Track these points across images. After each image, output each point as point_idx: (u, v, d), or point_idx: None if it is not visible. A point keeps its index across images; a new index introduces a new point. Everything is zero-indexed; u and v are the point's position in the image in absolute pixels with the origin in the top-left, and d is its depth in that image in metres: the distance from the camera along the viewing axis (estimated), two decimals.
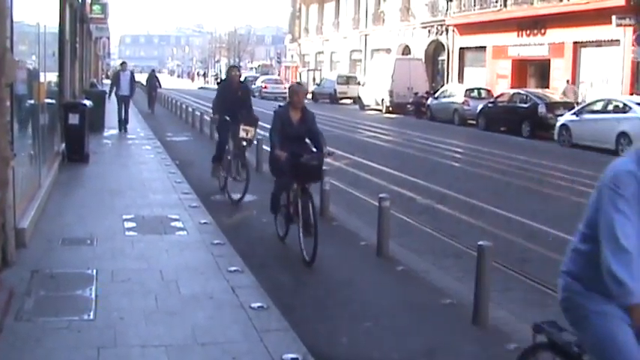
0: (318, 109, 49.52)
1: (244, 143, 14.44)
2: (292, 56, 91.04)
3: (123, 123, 27.37)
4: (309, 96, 63.91)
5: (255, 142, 16.15)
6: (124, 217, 11.92)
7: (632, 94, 31.89)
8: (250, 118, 14.74)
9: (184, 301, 7.76)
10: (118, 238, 10.55)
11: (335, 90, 59.37)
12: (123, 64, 30.69)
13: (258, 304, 7.57)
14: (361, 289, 9.01)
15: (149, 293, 7.93)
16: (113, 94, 28.19)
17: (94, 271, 8.69)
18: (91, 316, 7.20)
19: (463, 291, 8.88)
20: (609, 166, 4.36)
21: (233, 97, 15.21)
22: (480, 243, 7.92)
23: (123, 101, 27.60)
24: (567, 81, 36.69)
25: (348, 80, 60.46)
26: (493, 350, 7.22)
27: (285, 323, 7.16)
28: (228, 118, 14.86)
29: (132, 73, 28.94)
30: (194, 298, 7.85)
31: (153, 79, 42.29)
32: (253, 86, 70.67)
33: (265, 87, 67.34)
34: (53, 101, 16.62)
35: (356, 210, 14.34)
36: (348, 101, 58.26)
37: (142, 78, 54.08)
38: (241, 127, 14.30)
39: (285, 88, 67.00)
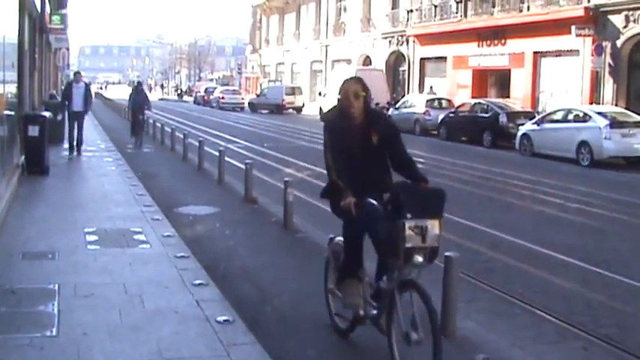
0: (273, 119, 49.57)
1: None
2: (253, 67, 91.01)
3: (76, 144, 23.49)
4: (246, 105, 64.29)
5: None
6: (86, 230, 11.77)
7: (591, 103, 32.23)
8: None
9: (149, 315, 7.64)
10: (80, 251, 10.39)
11: (283, 100, 59.68)
12: (76, 74, 26.32)
13: (224, 318, 7.48)
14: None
15: (113, 308, 7.81)
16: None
17: (56, 285, 8.54)
18: (54, 333, 7.06)
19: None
20: None
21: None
22: (447, 254, 7.89)
23: (75, 118, 23.83)
24: None
25: (293, 91, 60.86)
26: None
27: (252, 337, 7.07)
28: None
29: (87, 86, 25.04)
30: (159, 312, 7.73)
31: (140, 96, 30.45)
32: (211, 96, 70.82)
33: (223, 97, 67.55)
34: (12, 113, 16.40)
35: (320, 221, 14.25)
36: (292, 111, 59.03)
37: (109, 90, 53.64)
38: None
39: (242, 98, 67.24)
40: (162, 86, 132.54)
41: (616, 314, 9.08)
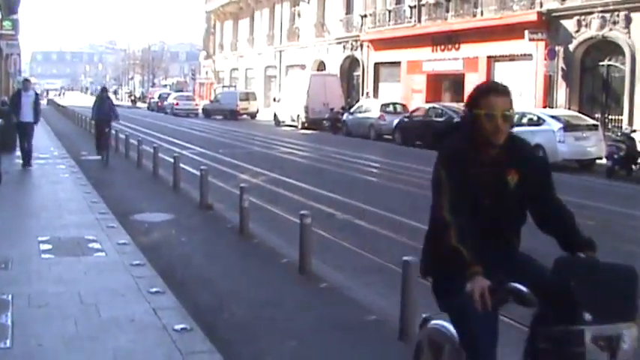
0: (227, 125, 49.43)
1: None
2: (207, 73, 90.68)
3: (25, 156, 21.77)
4: (201, 111, 64.07)
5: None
6: (40, 239, 11.60)
7: (545, 106, 32.51)
8: None
9: (105, 325, 7.53)
10: (34, 260, 10.24)
11: (237, 106, 59.57)
12: (25, 81, 24.27)
13: (182, 326, 7.39)
14: (285, 308, 8.89)
15: (68, 318, 7.68)
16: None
17: (10, 296, 8.39)
18: (8, 344, 6.92)
19: (388, 307, 8.83)
20: None
21: None
22: (405, 258, 7.88)
23: (24, 129, 21.95)
24: None
25: (247, 96, 60.83)
26: None
27: (210, 345, 7.00)
28: None
29: (36, 95, 23.26)
30: (115, 321, 7.62)
31: (105, 104, 26.06)
32: (165, 102, 70.47)
33: (177, 104, 67.34)
34: None
35: (276, 227, 14.21)
36: (246, 117, 59.02)
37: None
38: None
39: (196, 104, 67.03)
40: (115, 92, 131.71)
41: None
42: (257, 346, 7.55)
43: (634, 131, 25.57)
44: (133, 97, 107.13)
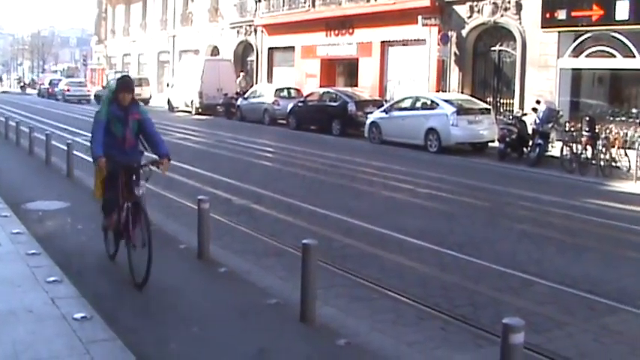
0: None
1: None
2: (99, 58, 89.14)
3: None
4: (93, 98, 63.02)
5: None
6: None
7: (438, 91, 32.94)
8: None
9: (2, 316, 7.37)
10: None
11: None
12: None
13: (81, 315, 7.31)
14: (185, 294, 8.86)
15: None
16: None
17: None
18: None
19: (288, 290, 8.91)
20: None
21: None
22: (305, 241, 7.95)
23: None
24: None
25: (140, 82, 60.02)
26: (323, 347, 7.26)
27: (111, 333, 6.94)
28: None
29: None
30: (12, 312, 7.47)
31: None
32: (56, 89, 69.07)
33: (68, 90, 66.04)
34: None
35: (173, 213, 14.14)
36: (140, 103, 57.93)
37: None
38: None
39: (88, 90, 65.87)
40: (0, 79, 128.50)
41: (470, 294, 9.33)
42: (159, 332, 7.51)
43: (525, 115, 26.13)
44: (22, 84, 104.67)
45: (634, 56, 25.60)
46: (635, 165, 20.77)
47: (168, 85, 54.72)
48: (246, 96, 42.14)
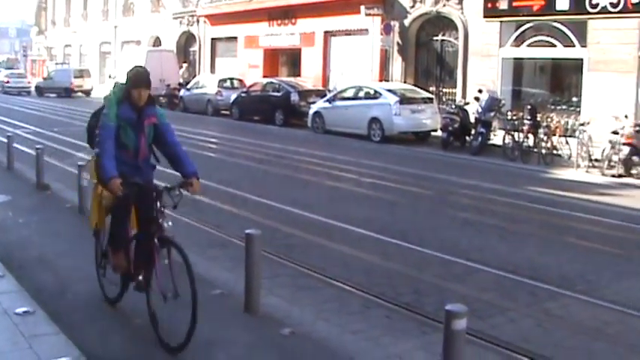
0: (62, 103, 48.27)
1: None
2: (39, 49, 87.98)
3: None
4: (33, 89, 62.11)
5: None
6: None
7: (381, 80, 33.01)
8: None
9: None
10: None
11: (72, 83, 58.07)
12: None
13: (24, 309, 7.21)
14: (129, 291, 8.77)
15: None
16: None
17: None
18: None
19: (232, 280, 8.88)
20: None
21: None
22: (248, 231, 7.93)
23: None
24: None
25: (82, 73, 59.38)
26: (268, 336, 7.26)
27: (55, 327, 6.86)
28: None
29: None
30: None
31: None
32: None
33: (7, 81, 65.02)
34: None
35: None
36: (81, 94, 57.54)
37: None
38: None
39: (29, 82, 64.93)
40: None
41: (414, 282, 9.39)
42: (102, 325, 7.45)
43: (467, 104, 26.36)
44: None
45: (574, 45, 25.92)
46: (576, 153, 21.06)
47: (110, 77, 54.15)
48: (188, 87, 41.90)
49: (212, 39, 49.27)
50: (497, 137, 24.19)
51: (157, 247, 7.08)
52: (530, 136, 22.61)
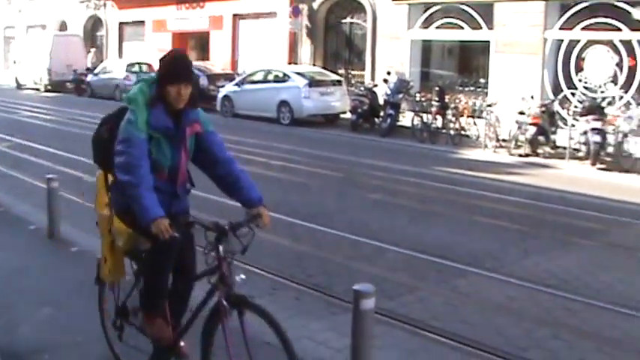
0: None
1: None
2: None
3: None
4: None
5: None
6: None
7: (290, 63, 32.99)
8: None
9: None
10: None
11: None
12: None
13: None
14: (36, 275, 8.64)
15: None
16: None
17: None
18: None
19: None
20: None
21: None
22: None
23: None
24: None
25: None
26: None
27: None
28: None
29: None
30: None
31: None
32: None
33: None
34: None
35: (22, 194, 13.73)
36: None
37: None
38: None
39: None
40: None
41: (324, 263, 9.46)
42: (10, 315, 7.30)
43: (376, 86, 26.55)
44: None
45: (481, 28, 26.23)
46: (484, 133, 21.40)
47: (15, 62, 53.07)
48: (96, 72, 41.28)
49: (120, 23, 48.61)
50: (406, 119, 24.44)
51: (226, 310, 5.19)
52: (439, 117, 22.91)
